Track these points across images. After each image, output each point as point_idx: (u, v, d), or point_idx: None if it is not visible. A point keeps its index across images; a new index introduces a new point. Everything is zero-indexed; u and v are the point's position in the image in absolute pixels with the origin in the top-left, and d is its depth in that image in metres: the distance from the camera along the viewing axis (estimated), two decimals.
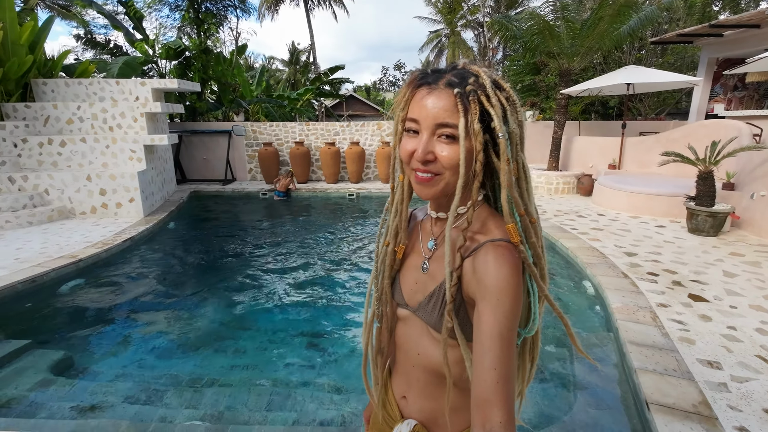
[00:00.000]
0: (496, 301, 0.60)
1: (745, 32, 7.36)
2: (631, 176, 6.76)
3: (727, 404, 1.95)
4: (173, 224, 6.11)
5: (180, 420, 2.18)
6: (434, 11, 23.03)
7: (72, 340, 3.00)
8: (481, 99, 0.65)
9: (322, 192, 8.26)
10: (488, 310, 0.61)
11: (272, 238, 5.61)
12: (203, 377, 2.59)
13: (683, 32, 7.85)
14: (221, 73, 9.36)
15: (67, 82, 6.63)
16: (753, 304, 2.98)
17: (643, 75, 7.02)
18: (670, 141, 6.64)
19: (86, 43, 9.26)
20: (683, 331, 2.61)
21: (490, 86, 0.65)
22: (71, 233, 4.95)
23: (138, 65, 8.12)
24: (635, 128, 9.34)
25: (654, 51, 12.94)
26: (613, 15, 6.71)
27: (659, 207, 5.50)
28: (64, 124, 6.33)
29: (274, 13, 24.70)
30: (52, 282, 3.71)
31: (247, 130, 9.16)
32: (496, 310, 0.60)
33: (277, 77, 25.56)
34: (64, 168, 6.04)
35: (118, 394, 2.42)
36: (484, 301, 0.62)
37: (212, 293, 3.84)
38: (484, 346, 0.60)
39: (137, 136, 6.15)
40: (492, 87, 0.65)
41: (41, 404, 2.29)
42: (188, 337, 3.09)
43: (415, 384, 0.80)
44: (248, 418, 2.21)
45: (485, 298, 0.62)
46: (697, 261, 3.86)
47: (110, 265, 4.30)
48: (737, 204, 4.86)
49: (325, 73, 13.66)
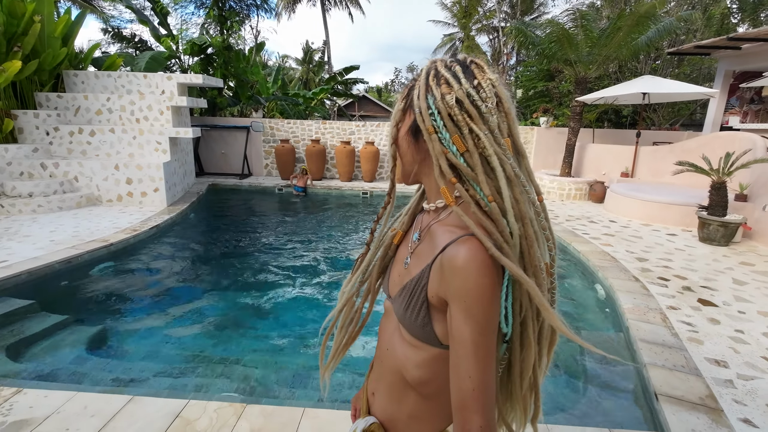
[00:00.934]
0: (464, 305, 0.57)
1: (764, 46, 7.39)
2: (644, 185, 6.83)
3: (732, 398, 2.06)
4: (193, 215, 6.32)
5: (214, 392, 2.34)
6: (449, 15, 23.15)
7: (105, 318, 3.18)
8: (411, 91, 0.70)
9: (336, 189, 8.42)
10: (458, 314, 0.58)
11: (290, 231, 5.79)
12: (230, 356, 2.75)
13: (701, 44, 7.90)
14: (242, 70, 9.58)
15: (97, 74, 6.88)
16: (761, 310, 3.07)
17: (659, 85, 7.09)
18: (685, 151, 6.71)
19: (113, 36, 9.55)
20: (692, 332, 2.72)
21: (425, 76, 0.67)
22: (100, 219, 5.17)
23: (163, 60, 8.37)
24: (649, 138, 9.38)
25: (670, 61, 12.94)
26: (632, 25, 6.79)
27: (671, 216, 5.57)
28: (94, 115, 6.57)
29: (291, 12, 25.03)
30: (86, 264, 3.91)
31: (265, 126, 9.37)
32: (466, 314, 0.57)
33: (290, 75, 25.85)
34: (92, 157, 6.27)
35: (151, 370, 2.59)
36: (453, 305, 0.59)
37: (234, 281, 4.01)
38: (458, 353, 0.58)
39: (163, 129, 6.37)
40: (426, 77, 0.67)
41: (83, 374, 2.46)
42: (213, 319, 3.26)
43: (382, 382, 0.79)
44: (278, 393, 2.36)
45: (453, 301, 0.58)
46: (708, 268, 3.94)
47: (138, 250, 4.50)
48: (749, 215, 4.93)
49: (339, 73, 13.86)
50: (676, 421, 1.87)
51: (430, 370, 0.68)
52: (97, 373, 2.49)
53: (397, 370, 0.72)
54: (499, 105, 0.64)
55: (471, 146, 0.62)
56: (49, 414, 1.83)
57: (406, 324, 0.69)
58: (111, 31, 9.55)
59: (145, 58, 7.79)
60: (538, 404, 0.72)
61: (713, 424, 1.86)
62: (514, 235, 0.60)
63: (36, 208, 5.31)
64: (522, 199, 0.61)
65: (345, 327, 0.88)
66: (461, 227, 0.62)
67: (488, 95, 0.63)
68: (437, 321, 0.65)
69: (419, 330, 0.66)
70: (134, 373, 2.53)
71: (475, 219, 0.61)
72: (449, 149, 0.63)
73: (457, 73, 0.64)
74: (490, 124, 0.62)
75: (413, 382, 0.70)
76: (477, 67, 0.66)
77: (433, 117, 0.64)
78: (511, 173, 0.61)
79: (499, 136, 0.63)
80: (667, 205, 5.61)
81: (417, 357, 0.68)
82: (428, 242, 0.69)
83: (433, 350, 0.66)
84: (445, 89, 0.63)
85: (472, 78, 0.64)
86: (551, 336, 0.70)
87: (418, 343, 0.68)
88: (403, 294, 0.69)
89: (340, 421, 1.85)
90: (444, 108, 0.63)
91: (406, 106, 0.71)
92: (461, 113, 0.62)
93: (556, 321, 0.60)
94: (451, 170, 0.63)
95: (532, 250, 0.61)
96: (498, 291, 0.58)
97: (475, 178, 0.61)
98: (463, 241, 0.59)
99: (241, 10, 10.00)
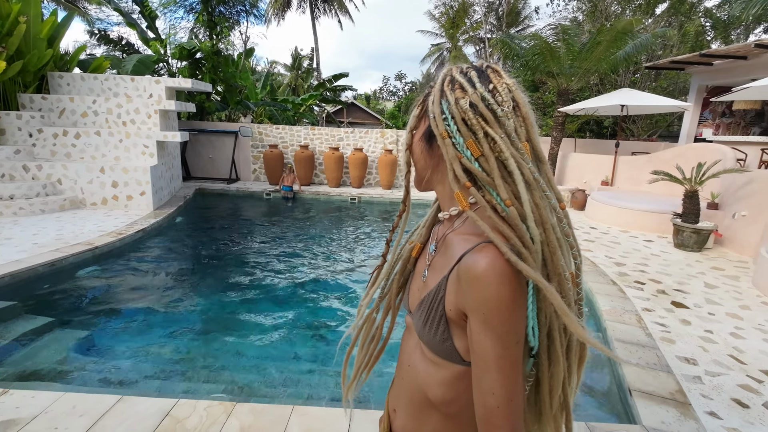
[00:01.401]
0: (483, 317, 0.54)
1: (733, 62, 7.79)
2: (623, 193, 7.08)
3: (700, 393, 2.18)
4: (180, 218, 6.28)
5: (202, 393, 2.35)
6: (437, 26, 23.60)
7: (91, 321, 3.16)
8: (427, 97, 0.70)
9: (324, 195, 8.47)
10: (477, 327, 0.55)
11: (277, 236, 5.81)
12: (218, 359, 2.77)
13: (675, 59, 8.27)
14: (231, 75, 9.60)
15: (83, 76, 6.82)
16: (729, 312, 3.24)
17: (636, 98, 7.40)
18: (661, 161, 6.99)
19: (100, 39, 9.47)
20: (665, 332, 2.86)
21: (440, 82, 0.67)
22: (84, 222, 5.10)
23: (152, 63, 8.33)
24: (628, 148, 9.72)
25: (648, 75, 13.46)
26: (611, 40, 7.09)
27: (648, 223, 5.80)
28: (79, 117, 6.50)
29: (280, 19, 25.13)
30: (71, 266, 3.87)
31: (253, 131, 9.38)
32: (486, 326, 0.54)
33: (279, 81, 25.85)
34: (77, 159, 6.19)
35: (139, 372, 2.59)
36: (472, 317, 0.56)
37: (221, 284, 4.02)
38: (479, 368, 0.56)
39: (150, 132, 6.34)
40: (442, 83, 0.67)
41: (69, 377, 2.45)
42: (200, 323, 3.27)
43: (402, 398, 0.75)
44: (267, 393, 2.40)
45: (472, 313, 0.56)
46: (681, 273, 4.13)
47: (124, 253, 4.46)
48: (720, 223, 5.17)
49: (329, 80, 13.98)
50: (647, 414, 1.98)
51: (453, 388, 0.64)
52: (84, 375, 2.48)
53: (419, 388, 0.69)
54: (516, 109, 0.63)
55: (486, 150, 0.60)
56: (36, 414, 1.83)
57: (426, 340, 0.66)
58: (97, 33, 9.47)
59: (132, 61, 7.75)
60: (570, 426, 0.68)
61: (681, 416, 1.98)
62: (535, 241, 0.57)
63: (17, 211, 5.21)
64: (542, 204, 0.59)
65: (366, 345, 0.85)
66: (477, 235, 0.60)
67: (504, 99, 0.62)
68: (458, 336, 0.62)
69: (439, 346, 0.64)
70: (122, 375, 2.53)
71: (491, 224, 0.58)
72: (463, 154, 0.62)
73: (472, 78, 0.64)
74: (506, 127, 0.61)
75: (436, 401, 0.67)
76: (493, 72, 0.65)
77: (447, 122, 0.63)
78: (530, 177, 0.59)
79: (517, 140, 0.61)
80: (644, 212, 5.84)
81: (439, 375, 0.65)
82: (444, 253, 0.67)
83: (456, 368, 0.63)
84: (459, 94, 0.63)
85: (488, 82, 0.63)
86: (581, 351, 0.66)
87: (440, 360, 0.65)
88: (421, 308, 0.67)
89: (330, 417, 1.90)
90: (458, 112, 0.62)
91: (421, 112, 0.71)
92: (475, 117, 0.61)
93: (581, 331, 0.56)
94: (465, 175, 0.62)
95: (555, 257, 0.58)
96: (521, 300, 0.55)
97: (491, 183, 0.60)
98: (480, 249, 0.56)
99: (230, 16, 10.04)
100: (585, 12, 14.45)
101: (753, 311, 3.27)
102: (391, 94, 38.58)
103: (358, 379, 0.86)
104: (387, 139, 9.52)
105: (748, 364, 2.50)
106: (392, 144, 9.50)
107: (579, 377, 0.68)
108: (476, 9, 20.89)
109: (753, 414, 2.05)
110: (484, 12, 20.39)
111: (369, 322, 0.83)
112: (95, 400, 1.94)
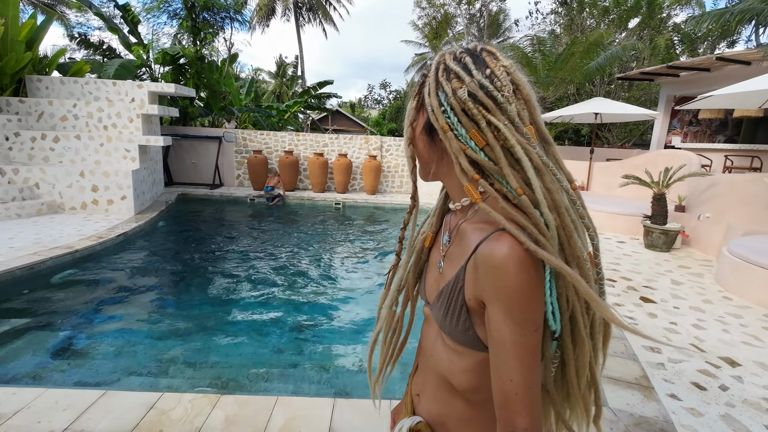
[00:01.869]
0: (502, 305, 0.54)
1: (698, 74, 8.25)
2: (598, 197, 7.37)
3: (662, 378, 2.33)
4: (163, 223, 6.23)
5: (186, 389, 2.37)
6: (421, 36, 24.06)
7: (71, 323, 3.13)
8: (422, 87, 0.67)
9: (309, 200, 8.51)
10: (496, 314, 0.55)
11: (261, 239, 5.83)
12: (201, 358, 2.78)
13: (645, 71, 8.70)
14: (215, 81, 9.60)
15: (63, 79, 6.73)
16: (693, 305, 3.44)
17: (609, 106, 7.74)
18: (633, 167, 7.31)
19: (80, 43, 9.35)
20: (633, 324, 3.02)
21: (434, 71, 0.64)
22: (63, 226, 5.02)
23: (134, 68, 8.28)
24: (603, 155, 10.10)
25: (622, 86, 14.04)
26: (583, 52, 7.44)
27: (621, 225, 6.05)
28: (58, 121, 6.41)
29: (264, 26, 25.21)
30: (50, 270, 3.82)
31: (238, 137, 9.38)
32: (505, 314, 0.54)
33: (263, 89, 25.84)
34: (55, 163, 6.09)
35: (120, 372, 2.59)
36: (491, 305, 0.56)
37: (204, 286, 4.02)
38: (498, 356, 0.56)
39: (132, 136, 6.29)
40: (436, 72, 0.64)
41: (48, 378, 2.44)
42: (182, 324, 3.26)
43: (428, 385, 0.75)
44: (250, 387, 2.43)
45: (491, 302, 0.56)
46: (650, 271, 4.34)
47: (105, 257, 4.42)
48: (687, 224, 5.45)
49: (313, 87, 14.08)
50: (614, 398, 2.11)
51: (477, 375, 0.64)
52: (64, 375, 2.47)
53: (442, 375, 0.69)
54: (517, 92, 0.61)
55: (491, 139, 0.59)
56: (18, 409, 1.84)
57: (448, 330, 0.65)
58: (78, 37, 9.35)
59: (114, 66, 7.69)
60: (599, 404, 0.68)
61: (645, 399, 2.12)
62: (550, 227, 0.56)
63: None
64: (554, 188, 0.58)
65: (389, 339, 0.84)
66: (492, 224, 0.59)
67: (503, 83, 0.60)
68: (479, 324, 0.61)
69: (462, 335, 0.63)
70: (103, 375, 2.52)
71: (505, 213, 0.57)
72: (468, 145, 0.60)
73: (467, 65, 0.61)
74: (509, 113, 0.59)
75: (461, 388, 0.67)
76: (489, 54, 0.63)
77: (446, 114, 0.61)
78: (538, 162, 0.58)
79: (521, 124, 0.59)
80: (616, 215, 6.10)
81: (463, 363, 0.65)
82: (459, 243, 0.66)
83: (479, 355, 0.63)
84: (456, 84, 0.61)
85: (484, 67, 0.61)
86: (605, 330, 0.65)
87: (463, 349, 0.64)
88: (440, 299, 0.66)
89: (313, 407, 1.96)
90: (457, 104, 0.60)
91: (419, 104, 0.68)
92: (476, 106, 0.59)
93: (608, 311, 0.55)
94: (472, 167, 0.61)
95: (572, 240, 0.57)
96: (538, 287, 0.55)
97: (500, 172, 0.58)
98: (496, 238, 0.56)
99: (215, 23, 10.06)
100: (562, 25, 15.02)
101: (714, 305, 3.48)
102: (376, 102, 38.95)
103: (384, 373, 0.86)
104: (371, 146, 9.65)
105: (707, 351, 2.67)
106: (376, 150, 9.63)
107: (605, 355, 0.67)
108: (458, 20, 21.42)
109: (710, 395, 2.20)
110: (466, 23, 20.93)
111: (389, 315, 0.82)
112: (78, 395, 1.96)
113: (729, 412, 2.06)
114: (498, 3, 20.59)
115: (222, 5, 9.97)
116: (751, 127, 8.53)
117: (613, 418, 1.95)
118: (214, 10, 9.87)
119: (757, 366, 2.52)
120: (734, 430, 1.94)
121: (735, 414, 2.05)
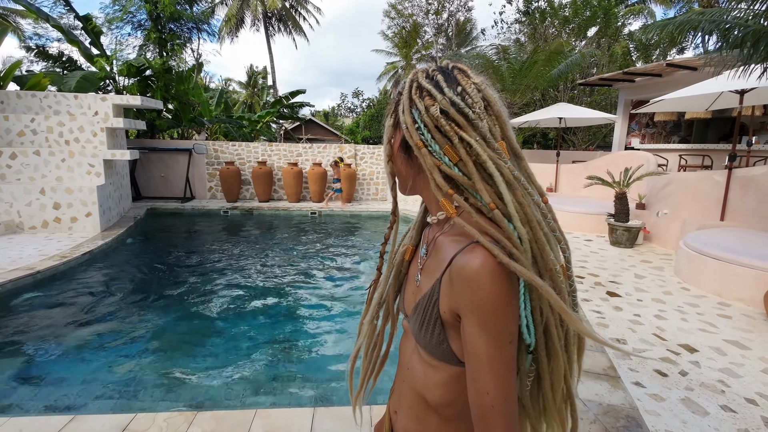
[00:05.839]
0: (477, 317, 0.55)
1: (651, 80, 8.78)
2: (565, 198, 7.67)
3: (628, 368, 2.46)
4: (131, 239, 6.03)
5: (161, 409, 2.31)
6: (391, 45, 24.43)
7: (34, 348, 2.98)
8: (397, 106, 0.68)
9: (284, 210, 8.44)
10: (471, 327, 0.56)
11: (235, 252, 5.73)
12: (175, 376, 2.70)
13: (603, 77, 9.18)
14: (183, 92, 9.42)
15: (19, 93, 6.45)
16: (654, 298, 3.64)
17: (572, 111, 8.11)
18: (596, 168, 7.66)
19: (37, 54, 8.97)
20: (600, 318, 3.17)
21: (407, 89, 0.66)
22: (23, 247, 4.78)
23: (96, 80, 8.01)
24: (569, 157, 10.52)
25: (584, 91, 14.71)
26: (546, 59, 7.78)
27: (587, 224, 6.32)
28: (15, 137, 6.12)
29: (234, 36, 24.93)
30: (9, 294, 3.63)
31: (209, 148, 9.21)
32: (479, 327, 0.55)
33: (234, 99, 25.48)
34: (13, 181, 5.80)
35: (89, 395, 2.49)
36: (465, 318, 0.57)
37: (176, 304, 3.91)
38: (473, 369, 0.56)
39: (96, 151, 6.08)
40: (409, 90, 0.66)
41: (12, 407, 2.31)
42: (155, 344, 3.17)
43: (404, 401, 0.75)
44: (227, 404, 2.39)
45: (465, 314, 0.57)
46: (616, 267, 4.56)
47: (69, 277, 4.23)
48: (647, 221, 5.76)
49: (285, 97, 14.02)
50: (583, 389, 2.21)
51: (451, 390, 0.65)
52: (28, 403, 2.36)
53: (417, 390, 0.70)
54: (488, 108, 0.62)
55: (464, 155, 0.60)
56: None
57: (423, 343, 0.66)
58: (35, 48, 8.97)
59: (75, 78, 7.43)
60: (575, 416, 0.68)
61: (612, 388, 2.23)
62: (523, 240, 0.57)
63: None
64: (526, 202, 0.59)
65: (369, 354, 0.84)
66: (467, 236, 0.60)
67: (475, 100, 0.62)
68: (453, 338, 0.62)
69: (436, 348, 0.64)
70: (70, 400, 2.42)
71: (479, 227, 0.58)
72: (442, 161, 0.62)
73: (439, 83, 0.63)
74: (480, 129, 0.60)
75: (434, 403, 0.67)
76: (460, 72, 0.65)
77: (420, 131, 0.63)
78: (510, 177, 0.59)
79: (492, 140, 0.61)
80: (583, 214, 6.37)
81: (437, 377, 0.65)
82: (435, 256, 0.67)
83: (453, 369, 0.63)
84: (429, 101, 0.62)
85: (455, 84, 0.63)
86: (579, 342, 0.66)
87: (437, 363, 0.65)
88: (417, 312, 0.67)
89: (293, 417, 1.96)
90: (430, 121, 0.62)
91: (395, 121, 0.70)
92: (448, 123, 0.61)
93: (580, 325, 0.56)
94: (446, 182, 0.62)
95: (544, 253, 0.58)
96: (513, 300, 0.55)
97: (473, 187, 0.60)
98: (470, 250, 0.57)
99: (182, 33, 9.89)
100: (526, 34, 15.63)
101: (674, 296, 3.69)
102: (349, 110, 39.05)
103: (365, 388, 0.86)
104: (346, 154, 9.68)
105: (668, 340, 2.83)
106: (351, 158, 9.67)
107: (580, 367, 0.68)
108: (427, 30, 21.90)
109: (671, 381, 2.34)
110: (433, 33, 21.42)
111: (371, 329, 0.82)
112: (44, 421, 1.88)
113: (688, 396, 2.20)
114: (464, 13, 21.21)
115: (189, 16, 9.82)
116: (701, 128, 9.12)
117: (582, 408, 2.04)
118: (182, 21, 9.70)
119: (712, 351, 2.70)
120: (693, 411, 2.07)
121: (693, 397, 2.19)
